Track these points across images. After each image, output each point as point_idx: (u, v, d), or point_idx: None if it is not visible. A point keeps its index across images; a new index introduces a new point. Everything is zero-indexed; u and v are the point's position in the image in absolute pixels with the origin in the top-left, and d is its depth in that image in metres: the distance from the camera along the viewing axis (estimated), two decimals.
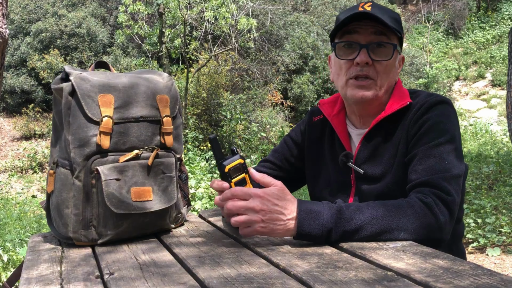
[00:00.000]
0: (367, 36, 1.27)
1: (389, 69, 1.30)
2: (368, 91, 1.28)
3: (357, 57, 1.27)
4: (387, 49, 1.28)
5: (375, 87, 1.29)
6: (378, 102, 1.32)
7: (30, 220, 5.53)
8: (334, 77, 1.37)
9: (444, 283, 0.76)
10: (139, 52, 13.54)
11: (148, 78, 1.33)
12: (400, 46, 1.34)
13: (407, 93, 1.33)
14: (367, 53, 1.26)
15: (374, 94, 1.29)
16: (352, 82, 1.29)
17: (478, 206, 4.65)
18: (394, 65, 1.32)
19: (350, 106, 1.37)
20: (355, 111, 1.36)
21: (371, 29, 1.27)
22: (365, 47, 1.26)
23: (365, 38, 1.27)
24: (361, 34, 1.27)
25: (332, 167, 1.40)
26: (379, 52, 1.28)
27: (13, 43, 12.60)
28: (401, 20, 1.34)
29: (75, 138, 1.20)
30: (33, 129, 11.42)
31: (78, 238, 1.22)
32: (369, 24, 1.27)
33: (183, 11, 9.61)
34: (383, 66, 1.28)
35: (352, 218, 1.04)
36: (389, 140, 1.30)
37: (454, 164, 1.17)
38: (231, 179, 1.13)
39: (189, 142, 9.34)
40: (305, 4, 15.49)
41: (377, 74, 1.28)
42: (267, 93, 12.31)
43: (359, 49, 1.27)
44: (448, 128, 1.21)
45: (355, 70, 1.28)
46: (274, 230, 1.04)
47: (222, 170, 1.13)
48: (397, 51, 1.31)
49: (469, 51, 17.28)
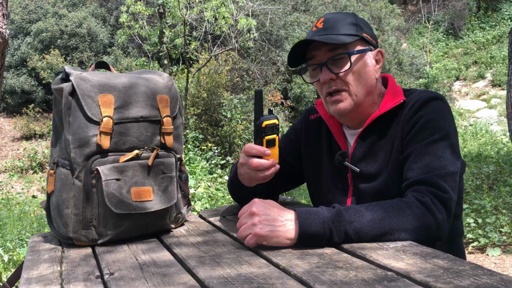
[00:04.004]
0: (324, 55, 1.30)
1: (358, 75, 1.30)
2: (344, 102, 1.30)
3: (320, 77, 1.31)
4: (345, 59, 1.29)
5: (350, 97, 1.30)
6: (364, 106, 1.33)
7: (30, 220, 5.53)
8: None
9: (444, 283, 0.76)
10: (139, 52, 13.53)
11: (148, 78, 1.33)
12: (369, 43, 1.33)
13: (401, 91, 1.34)
14: (327, 70, 1.29)
15: (351, 103, 1.31)
16: (328, 99, 1.33)
17: (478, 206, 4.65)
18: (365, 65, 1.31)
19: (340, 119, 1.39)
20: (345, 121, 1.39)
21: (325, 47, 1.29)
22: (324, 65, 1.29)
23: (322, 57, 1.30)
24: (318, 56, 1.31)
25: (330, 166, 1.41)
26: (338, 64, 1.30)
27: (13, 43, 12.60)
28: (359, 19, 1.34)
29: (75, 138, 1.20)
30: (33, 129, 11.42)
31: (78, 238, 1.22)
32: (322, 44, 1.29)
33: (183, 11, 9.61)
34: (349, 75, 1.30)
35: (353, 221, 1.04)
36: (384, 138, 1.30)
37: (449, 161, 1.17)
38: (265, 135, 1.20)
39: (189, 142, 9.33)
40: (305, 4, 15.48)
41: (346, 84, 1.30)
42: (267, 93, 12.31)
43: (320, 68, 1.31)
44: (442, 124, 1.22)
45: (325, 88, 1.32)
46: (274, 231, 1.04)
47: (260, 125, 1.20)
48: (358, 54, 1.30)
49: (469, 51, 17.27)
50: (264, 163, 1.23)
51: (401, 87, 1.37)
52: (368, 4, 15.58)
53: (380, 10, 15.62)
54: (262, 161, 1.23)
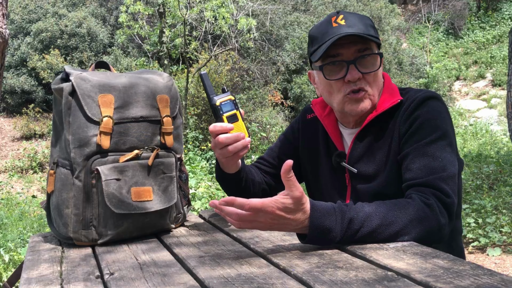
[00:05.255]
0: (351, 53, 1.27)
1: (377, 77, 1.31)
2: (365, 102, 1.29)
3: (347, 75, 1.27)
4: (373, 59, 1.29)
5: (369, 97, 1.30)
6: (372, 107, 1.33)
7: (30, 220, 5.53)
8: (325, 95, 1.36)
9: (444, 283, 0.76)
10: (139, 52, 13.53)
11: (148, 78, 1.33)
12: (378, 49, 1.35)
13: (397, 90, 1.34)
14: (356, 69, 1.26)
15: (369, 104, 1.30)
16: (349, 98, 1.29)
17: (478, 206, 4.65)
18: (380, 69, 1.32)
19: (345, 117, 1.37)
20: (350, 120, 1.37)
21: (354, 46, 1.27)
22: (352, 63, 1.26)
23: (350, 54, 1.27)
24: (344, 54, 1.27)
25: (327, 166, 1.41)
26: (366, 63, 1.28)
27: (13, 43, 12.60)
28: (373, 23, 1.35)
29: (75, 138, 1.20)
30: (33, 129, 11.42)
31: (78, 238, 1.22)
32: (349, 40, 1.26)
33: (183, 11, 9.61)
34: (372, 76, 1.29)
35: (362, 227, 1.03)
36: (381, 138, 1.30)
37: (449, 161, 1.17)
38: (223, 113, 1.21)
39: (189, 142, 9.33)
40: (305, 4, 15.48)
41: (368, 85, 1.29)
42: (267, 93, 12.30)
43: (346, 66, 1.27)
44: (439, 124, 1.22)
45: (348, 87, 1.28)
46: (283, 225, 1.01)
47: (214, 104, 1.21)
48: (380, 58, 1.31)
49: (469, 51, 17.26)
50: (230, 136, 1.21)
51: (397, 86, 1.37)
52: (368, 4, 15.57)
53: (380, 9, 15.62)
54: (227, 135, 1.21)
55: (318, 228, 1.00)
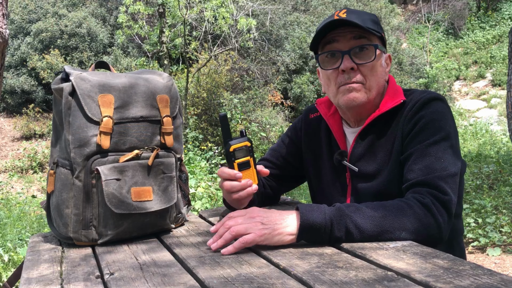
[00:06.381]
0: (347, 42, 1.28)
1: (375, 70, 1.31)
2: (359, 93, 1.29)
3: (341, 65, 1.28)
4: (369, 51, 1.29)
5: (365, 90, 1.30)
6: (371, 104, 1.33)
7: (30, 220, 5.53)
8: (325, 88, 1.38)
9: (444, 283, 0.76)
10: (139, 52, 13.53)
11: (148, 78, 1.33)
12: (384, 46, 1.35)
13: (401, 91, 1.34)
14: (350, 59, 1.27)
15: (364, 97, 1.30)
16: (342, 88, 1.30)
17: (478, 205, 4.65)
18: (380, 64, 1.33)
19: (345, 113, 1.38)
20: (350, 116, 1.37)
21: (350, 35, 1.28)
22: (347, 53, 1.28)
23: (346, 44, 1.29)
24: (341, 42, 1.29)
25: (329, 165, 1.41)
26: (361, 55, 1.29)
27: (13, 43, 12.60)
28: (379, 21, 1.36)
29: (75, 138, 1.20)
30: (33, 129, 11.42)
31: (78, 238, 1.22)
32: (347, 30, 1.28)
33: (183, 11, 9.61)
34: (369, 68, 1.29)
35: (353, 216, 1.04)
36: (383, 137, 1.30)
37: (450, 162, 1.17)
38: (235, 159, 1.18)
39: (189, 142, 9.33)
40: (305, 4, 15.48)
41: (364, 78, 1.29)
42: (267, 93, 12.31)
43: (341, 56, 1.28)
44: (443, 125, 1.22)
45: (343, 78, 1.29)
46: (275, 230, 1.03)
47: (227, 149, 1.17)
48: (380, 50, 1.32)
49: (469, 51, 17.27)
50: (236, 185, 1.23)
51: (401, 87, 1.37)
52: (368, 4, 15.58)
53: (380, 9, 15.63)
54: (234, 183, 1.23)
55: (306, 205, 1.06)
